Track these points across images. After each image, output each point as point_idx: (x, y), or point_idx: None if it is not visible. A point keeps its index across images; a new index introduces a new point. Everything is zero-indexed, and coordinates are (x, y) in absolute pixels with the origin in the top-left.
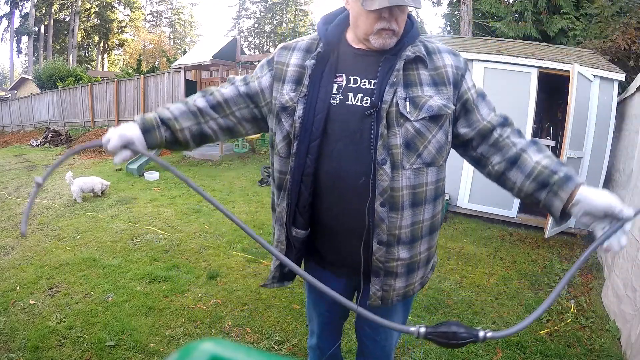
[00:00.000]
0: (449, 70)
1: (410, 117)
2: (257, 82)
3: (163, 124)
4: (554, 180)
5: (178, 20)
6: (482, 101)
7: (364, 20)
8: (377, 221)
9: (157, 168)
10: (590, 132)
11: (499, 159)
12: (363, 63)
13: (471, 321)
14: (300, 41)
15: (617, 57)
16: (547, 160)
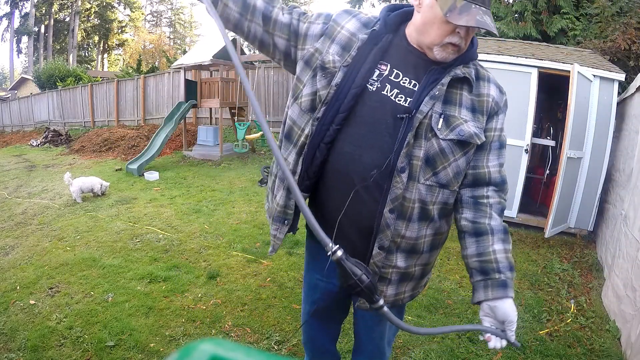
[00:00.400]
0: (490, 101)
1: (439, 134)
2: (307, 25)
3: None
4: (493, 278)
5: (178, 20)
6: (498, 150)
7: (436, 29)
8: (383, 226)
9: (157, 168)
10: (590, 132)
11: (470, 217)
12: (411, 61)
13: (471, 321)
14: (362, 14)
15: (617, 57)
16: (503, 256)
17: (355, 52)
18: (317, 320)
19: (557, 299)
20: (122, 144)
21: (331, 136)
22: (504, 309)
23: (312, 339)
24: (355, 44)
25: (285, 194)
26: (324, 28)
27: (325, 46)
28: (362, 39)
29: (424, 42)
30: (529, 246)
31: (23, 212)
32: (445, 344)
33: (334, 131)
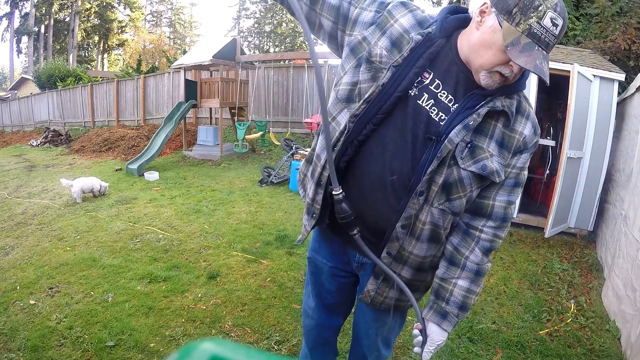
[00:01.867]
0: (521, 139)
1: (460, 164)
2: (358, 10)
3: None
4: (439, 305)
5: (178, 20)
6: (511, 187)
7: (490, 55)
8: (393, 237)
9: (157, 168)
10: (590, 132)
11: (454, 242)
12: (453, 74)
13: (471, 321)
14: (418, 11)
15: (617, 57)
16: (460, 293)
17: (407, 52)
18: (324, 309)
19: (557, 299)
20: (122, 144)
21: (365, 135)
22: (432, 331)
23: (317, 327)
24: (409, 44)
25: (314, 188)
26: (376, 17)
27: (374, 37)
28: (417, 40)
29: (473, 62)
30: (529, 246)
31: (23, 212)
32: (445, 344)
33: (369, 130)
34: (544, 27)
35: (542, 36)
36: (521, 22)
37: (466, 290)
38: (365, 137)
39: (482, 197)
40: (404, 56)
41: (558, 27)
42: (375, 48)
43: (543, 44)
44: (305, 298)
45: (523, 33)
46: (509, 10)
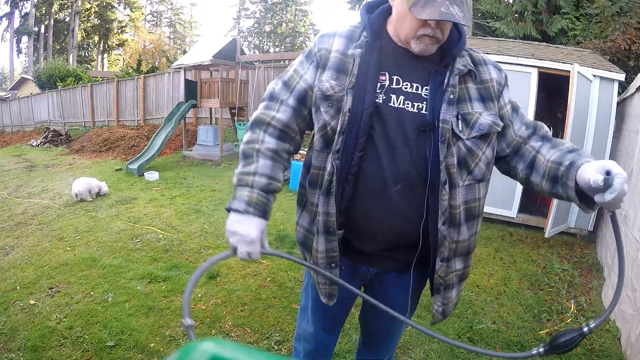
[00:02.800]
0: (495, 85)
1: (462, 136)
2: (301, 82)
3: (269, 192)
4: (561, 173)
5: (178, 20)
6: (516, 116)
7: (408, 22)
8: (441, 239)
9: (157, 168)
10: (590, 132)
11: (522, 165)
12: (406, 63)
13: (471, 321)
14: (341, 28)
15: (617, 57)
16: (556, 154)
17: (357, 70)
18: (324, 332)
19: (557, 299)
20: (122, 144)
21: (356, 165)
22: (579, 178)
23: (317, 349)
24: (354, 62)
25: (324, 239)
26: (315, 65)
27: (316, 77)
28: (359, 54)
29: (401, 36)
30: (529, 246)
31: (23, 212)
32: (445, 344)
33: (358, 159)
34: None
35: None
36: None
37: (558, 150)
38: (357, 168)
39: (509, 144)
40: (355, 74)
41: None
42: (323, 84)
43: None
44: (303, 323)
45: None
46: None
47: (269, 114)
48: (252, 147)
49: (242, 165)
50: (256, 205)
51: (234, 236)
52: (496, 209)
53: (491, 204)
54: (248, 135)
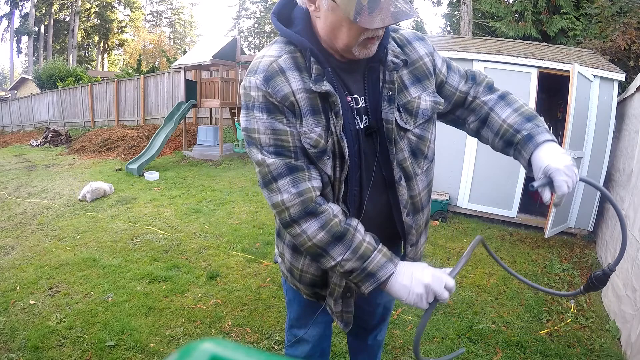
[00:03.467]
0: (427, 61)
1: (409, 127)
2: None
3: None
4: (517, 141)
5: (178, 20)
6: (450, 72)
7: (346, 31)
8: (407, 229)
9: (157, 168)
10: (590, 132)
11: (473, 118)
12: (351, 76)
13: (471, 321)
14: (277, 59)
15: (617, 57)
16: (513, 118)
17: (340, 108)
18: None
19: (557, 299)
20: (122, 144)
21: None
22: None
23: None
24: (336, 99)
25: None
26: (290, 115)
27: (299, 128)
28: (326, 89)
29: (338, 48)
30: (529, 246)
31: (23, 212)
32: (445, 344)
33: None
34: None
35: None
36: None
37: (514, 111)
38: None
39: (449, 100)
40: (341, 113)
41: None
42: (310, 137)
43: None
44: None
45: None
46: None
47: (308, 188)
48: (335, 224)
49: (343, 246)
50: (393, 255)
51: (422, 290)
52: (496, 209)
53: (491, 204)
54: (311, 224)
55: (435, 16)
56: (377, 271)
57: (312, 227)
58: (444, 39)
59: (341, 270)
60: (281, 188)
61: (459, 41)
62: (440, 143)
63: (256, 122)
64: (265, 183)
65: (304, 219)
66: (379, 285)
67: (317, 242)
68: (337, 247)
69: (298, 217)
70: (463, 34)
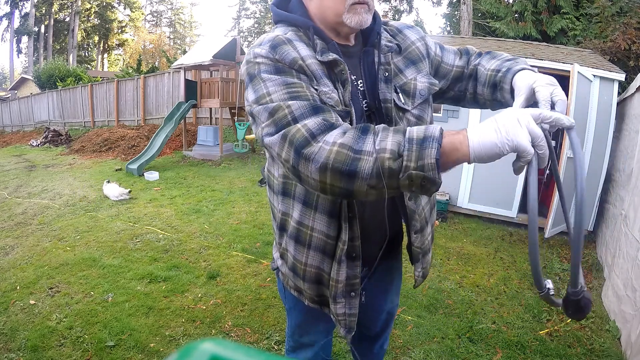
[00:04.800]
0: (419, 45)
1: (408, 108)
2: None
3: None
4: (499, 78)
5: (178, 20)
6: (445, 52)
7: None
8: (410, 214)
9: (157, 168)
10: (590, 132)
11: (470, 85)
12: (349, 61)
13: (471, 321)
14: (282, 35)
15: (617, 57)
16: (496, 62)
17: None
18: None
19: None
20: (122, 144)
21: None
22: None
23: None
24: (344, 66)
25: (346, 267)
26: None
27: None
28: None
29: (330, 18)
30: None
31: (23, 212)
32: (445, 344)
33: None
34: None
35: None
36: None
37: (498, 59)
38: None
39: (447, 77)
40: (349, 80)
41: None
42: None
43: None
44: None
45: None
46: None
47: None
48: (355, 127)
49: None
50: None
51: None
52: (496, 209)
53: (491, 204)
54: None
55: (435, 16)
56: (425, 130)
57: (333, 135)
58: (444, 39)
59: (385, 164)
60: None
61: (459, 41)
62: None
63: (265, 85)
64: (280, 127)
65: (325, 133)
66: (442, 146)
67: (344, 141)
68: (368, 139)
69: (318, 130)
70: (463, 34)
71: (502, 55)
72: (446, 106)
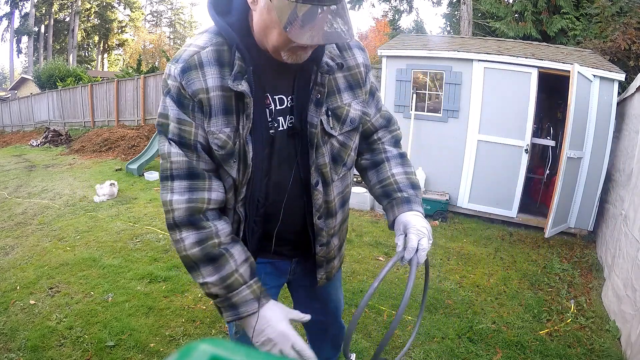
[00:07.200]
0: (362, 70)
1: (334, 133)
2: (199, 137)
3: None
4: (396, 197)
5: (178, 20)
6: (372, 101)
7: (276, 35)
8: (317, 230)
9: (157, 168)
10: (590, 132)
11: (368, 157)
12: (281, 75)
13: (471, 321)
14: (201, 51)
15: (617, 57)
16: (402, 177)
17: (252, 110)
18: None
19: (557, 299)
20: (122, 144)
21: (262, 203)
22: (410, 221)
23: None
24: (249, 101)
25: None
26: (198, 110)
27: (207, 126)
28: (247, 90)
29: (268, 48)
30: (529, 246)
31: (23, 212)
32: (445, 344)
33: (262, 198)
34: None
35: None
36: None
37: (404, 173)
38: (263, 209)
39: (362, 126)
40: (251, 116)
41: None
42: (216, 137)
43: (326, 2)
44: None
45: (297, 2)
46: None
47: (201, 199)
48: (213, 244)
49: (213, 269)
50: (263, 294)
51: (270, 344)
52: (496, 209)
53: (491, 204)
54: (190, 235)
55: (435, 16)
56: (239, 305)
57: (189, 239)
58: (444, 39)
59: (206, 291)
60: (175, 189)
61: (459, 41)
62: (440, 143)
63: (166, 109)
64: (162, 177)
65: (186, 227)
66: (239, 320)
67: (191, 255)
68: (208, 268)
69: (180, 222)
70: (463, 34)
71: (409, 168)
72: (446, 106)
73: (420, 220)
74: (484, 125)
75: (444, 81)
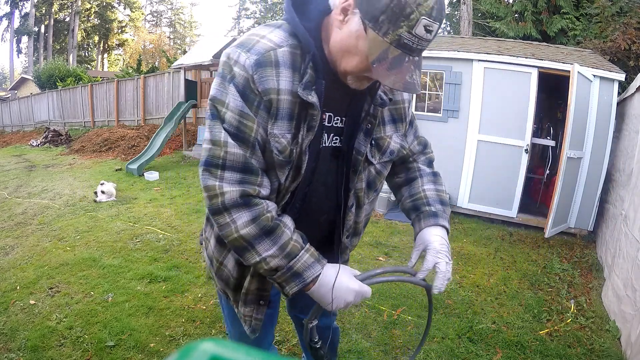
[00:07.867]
0: (406, 106)
1: (374, 162)
2: (258, 136)
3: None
4: (424, 210)
5: (178, 20)
6: (411, 129)
7: (356, 62)
8: (343, 248)
9: (157, 168)
10: (590, 132)
11: (403, 176)
12: (337, 95)
13: (471, 321)
14: (278, 49)
15: (617, 57)
16: (432, 193)
17: (315, 125)
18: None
19: (557, 299)
20: (122, 144)
21: (298, 208)
22: (431, 241)
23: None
24: (317, 114)
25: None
26: (264, 109)
27: (270, 128)
28: (316, 103)
29: (338, 64)
30: (529, 246)
31: (23, 212)
32: (445, 344)
33: (299, 204)
34: (416, 36)
35: (413, 45)
36: (389, 32)
37: (435, 190)
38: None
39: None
40: (314, 128)
41: (432, 32)
42: (277, 141)
43: (415, 53)
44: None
45: (391, 44)
46: (375, 17)
47: (252, 188)
48: (267, 218)
49: (271, 241)
50: (320, 256)
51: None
52: (496, 209)
53: (491, 204)
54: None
55: None
56: (303, 271)
57: (242, 218)
58: (444, 39)
59: (265, 267)
60: (225, 178)
61: (459, 41)
62: (441, 143)
63: (227, 96)
64: (211, 164)
65: (236, 208)
66: (305, 287)
67: (245, 234)
68: (264, 242)
69: (231, 204)
70: (463, 34)
71: (441, 186)
72: (446, 106)
73: (441, 240)
74: (484, 125)
75: (444, 81)
